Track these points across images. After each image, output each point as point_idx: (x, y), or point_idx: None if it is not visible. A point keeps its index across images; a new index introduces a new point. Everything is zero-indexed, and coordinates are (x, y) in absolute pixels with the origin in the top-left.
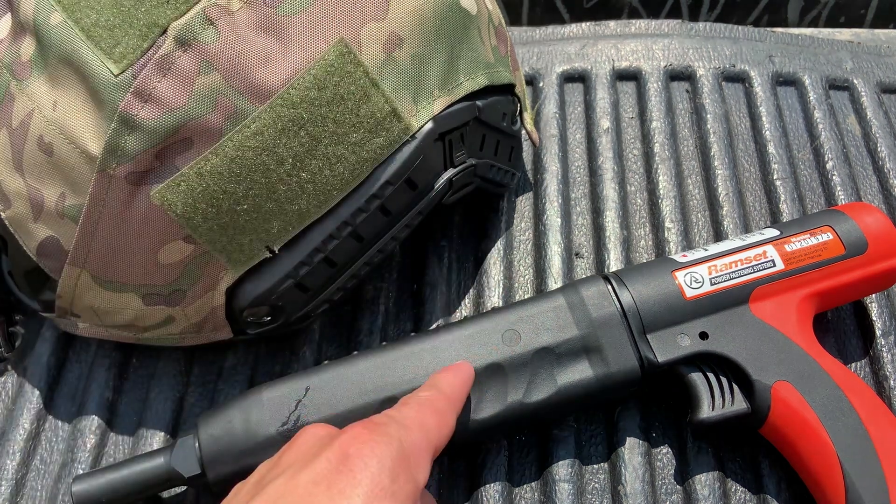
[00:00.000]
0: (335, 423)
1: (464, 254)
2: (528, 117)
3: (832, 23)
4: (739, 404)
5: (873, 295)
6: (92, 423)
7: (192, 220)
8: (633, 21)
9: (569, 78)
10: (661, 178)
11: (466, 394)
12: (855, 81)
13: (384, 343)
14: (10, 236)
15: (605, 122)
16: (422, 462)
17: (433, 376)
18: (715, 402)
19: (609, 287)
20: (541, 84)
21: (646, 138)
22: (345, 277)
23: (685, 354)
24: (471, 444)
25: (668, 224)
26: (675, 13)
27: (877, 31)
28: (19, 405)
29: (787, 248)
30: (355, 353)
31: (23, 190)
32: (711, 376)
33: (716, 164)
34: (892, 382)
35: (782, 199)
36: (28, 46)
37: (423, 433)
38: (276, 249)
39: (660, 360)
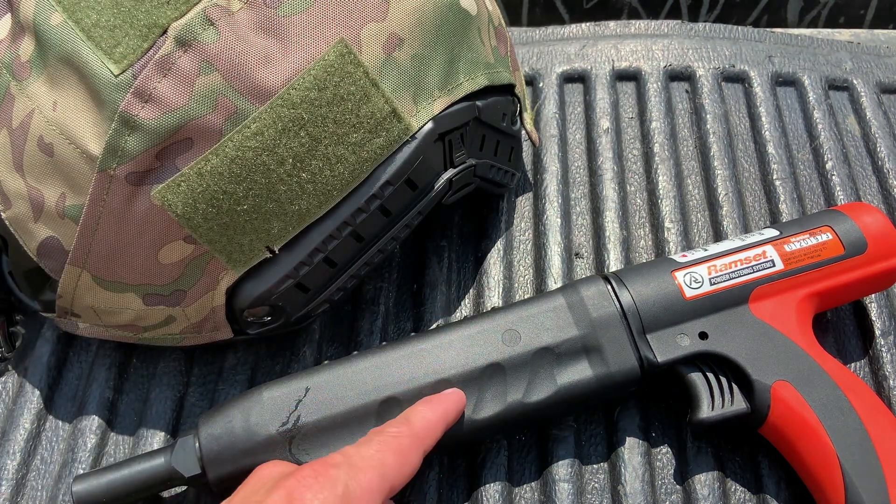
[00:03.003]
0: (335, 423)
1: (464, 254)
2: (527, 117)
3: (831, 23)
4: (739, 404)
5: (873, 295)
6: (92, 422)
7: (192, 221)
8: (633, 21)
9: (569, 78)
10: (660, 178)
11: (444, 428)
12: (854, 82)
13: (384, 343)
14: (10, 236)
15: (604, 123)
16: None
17: (410, 408)
18: (714, 401)
19: (609, 287)
20: (541, 84)
21: (645, 138)
22: (345, 277)
23: (685, 354)
24: (471, 444)
25: (667, 224)
26: (674, 13)
27: (876, 31)
28: (20, 405)
29: (787, 248)
30: (355, 353)
31: (23, 190)
32: (711, 376)
33: (715, 164)
34: (891, 382)
35: (782, 199)
36: (27, 46)
37: (378, 474)
38: (276, 250)
39: (659, 359)
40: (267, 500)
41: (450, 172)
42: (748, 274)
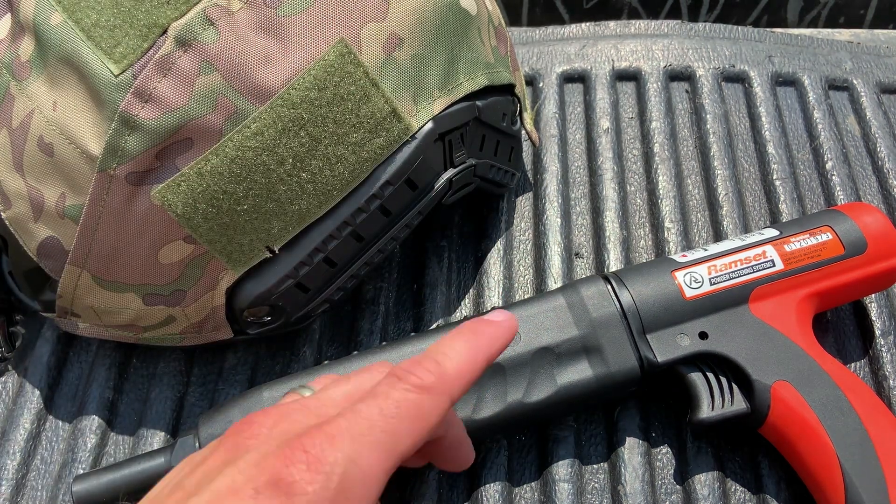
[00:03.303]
0: None
1: (464, 254)
2: (527, 117)
3: (831, 23)
4: (739, 404)
5: (873, 295)
6: (92, 422)
7: (192, 221)
8: (633, 21)
9: (569, 78)
10: (660, 178)
11: (486, 366)
12: (854, 82)
13: (384, 343)
14: (10, 236)
15: (604, 123)
16: (369, 492)
17: (445, 342)
18: (714, 401)
19: (609, 287)
20: (541, 84)
21: (645, 138)
22: (345, 277)
23: (685, 354)
24: None
25: (667, 224)
26: (674, 13)
27: (876, 31)
28: (20, 405)
29: (787, 248)
30: (355, 352)
31: (23, 190)
32: (711, 376)
33: (715, 164)
34: (891, 382)
35: (782, 199)
36: (27, 46)
37: (385, 452)
38: (276, 249)
39: (659, 359)
40: (247, 485)
41: (450, 172)
42: (748, 274)
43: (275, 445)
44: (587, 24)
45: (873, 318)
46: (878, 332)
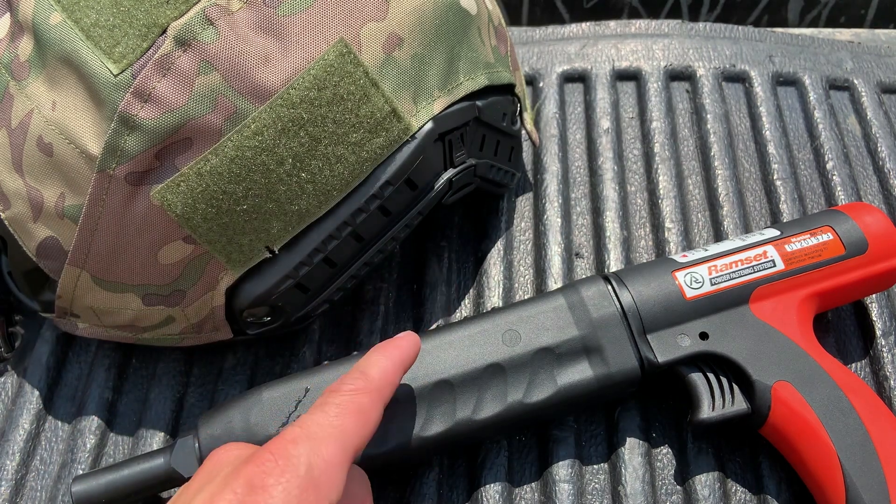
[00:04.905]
0: None
1: (464, 254)
2: (528, 117)
3: (832, 23)
4: (739, 404)
5: (873, 295)
6: (92, 423)
7: (191, 221)
8: (633, 21)
9: (569, 78)
10: (661, 178)
11: (402, 374)
12: (855, 81)
13: None
14: (9, 237)
15: (605, 123)
16: (335, 478)
17: (364, 359)
18: (715, 402)
19: (609, 287)
20: (541, 84)
21: (646, 138)
22: (345, 277)
23: (685, 355)
24: (471, 444)
25: (668, 224)
26: (675, 13)
27: (877, 31)
28: (19, 405)
29: (788, 248)
30: (355, 353)
31: (22, 190)
32: (712, 376)
33: (716, 164)
34: (892, 383)
35: (782, 199)
36: (26, 46)
37: (339, 444)
38: (275, 250)
39: (660, 360)
40: (226, 490)
41: (450, 172)
42: (749, 274)
43: (245, 459)
44: (587, 23)
45: (874, 319)
46: (878, 333)
